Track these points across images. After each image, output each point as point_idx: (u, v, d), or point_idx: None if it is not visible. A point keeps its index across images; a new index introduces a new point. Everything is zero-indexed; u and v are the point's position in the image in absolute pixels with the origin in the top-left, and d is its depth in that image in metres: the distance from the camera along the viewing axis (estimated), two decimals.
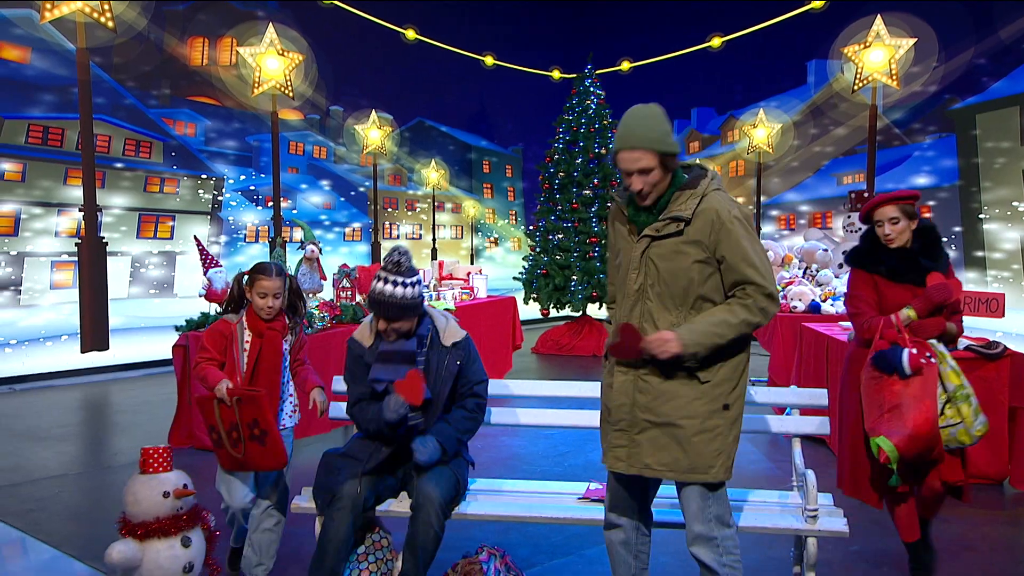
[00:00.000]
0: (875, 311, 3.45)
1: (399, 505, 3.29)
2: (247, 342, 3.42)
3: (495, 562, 3.18)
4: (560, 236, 13.34)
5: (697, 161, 2.80)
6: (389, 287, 3.17)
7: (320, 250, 7.20)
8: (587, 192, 13.35)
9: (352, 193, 41.70)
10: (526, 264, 13.78)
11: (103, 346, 11.01)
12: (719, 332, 2.53)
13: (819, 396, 3.55)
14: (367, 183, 40.24)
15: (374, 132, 22.26)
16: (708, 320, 2.55)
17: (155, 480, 3.00)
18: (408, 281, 3.20)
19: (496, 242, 51.36)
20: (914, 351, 3.19)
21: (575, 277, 13.04)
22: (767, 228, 34.63)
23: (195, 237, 7.11)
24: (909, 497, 3.34)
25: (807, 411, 4.34)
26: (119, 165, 25.41)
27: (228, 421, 3.21)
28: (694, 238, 2.57)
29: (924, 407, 3.09)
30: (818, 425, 3.53)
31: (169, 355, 9.46)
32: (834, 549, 3.89)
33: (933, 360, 3.22)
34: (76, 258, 11.55)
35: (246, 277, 3.47)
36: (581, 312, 12.78)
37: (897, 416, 3.12)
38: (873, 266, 3.48)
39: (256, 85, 13.87)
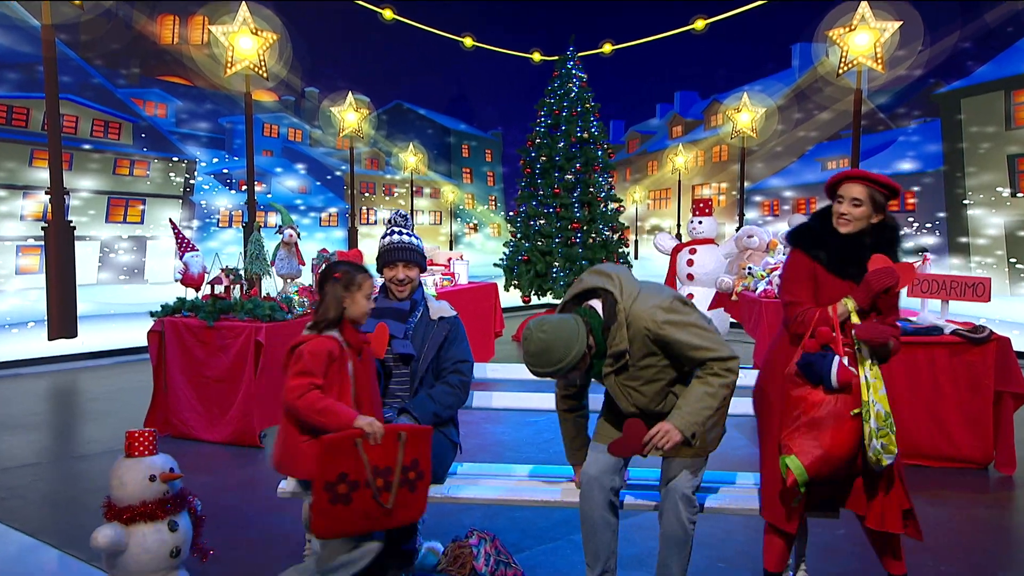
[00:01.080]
0: (812, 302, 2.96)
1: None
2: (348, 369, 2.92)
3: (485, 545, 3.22)
4: (542, 222, 13.36)
5: (592, 296, 2.87)
6: (397, 236, 3.56)
7: (298, 234, 7.17)
8: (569, 177, 13.37)
9: (328, 177, 41.48)
10: (507, 250, 13.79)
11: (71, 333, 10.90)
12: (707, 405, 2.72)
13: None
14: (343, 167, 40.00)
15: (351, 115, 22.10)
16: (691, 400, 2.73)
17: (141, 464, 3.01)
18: (414, 233, 3.63)
19: (475, 228, 51.29)
20: (845, 361, 2.77)
21: (557, 263, 13.06)
22: (751, 214, 34.81)
23: (170, 220, 7.06)
24: (792, 524, 2.96)
25: None
26: (87, 147, 25.07)
27: (373, 464, 2.70)
28: (641, 354, 2.77)
29: (845, 428, 2.73)
30: None
31: (141, 343, 9.42)
32: (822, 532, 3.96)
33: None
34: (42, 242, 11.39)
35: (337, 276, 2.95)
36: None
37: (814, 433, 2.74)
38: (813, 250, 2.97)
39: (229, 65, 13.73)
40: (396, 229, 3.62)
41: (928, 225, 25.11)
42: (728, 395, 2.77)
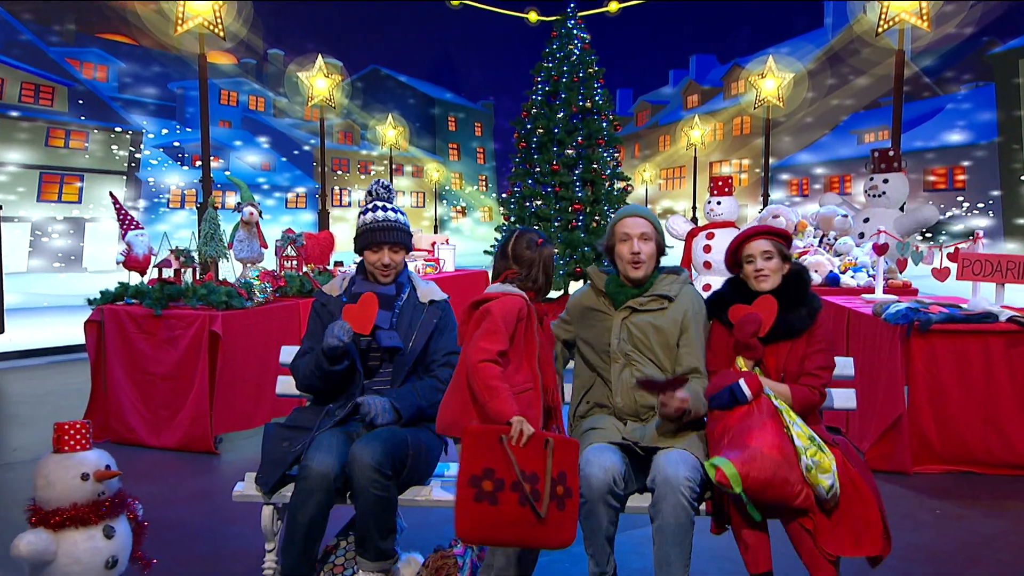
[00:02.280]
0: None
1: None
2: (534, 333, 3.09)
3: (472, 555, 3.21)
4: (538, 203, 13.32)
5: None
6: (381, 212, 3.52)
7: (260, 213, 7.14)
8: (570, 152, 13.33)
9: (295, 152, 41.29)
10: (499, 236, 13.76)
11: None
12: (703, 402, 3.21)
13: (843, 364, 3.59)
14: (313, 141, 39.83)
15: (320, 81, 21.99)
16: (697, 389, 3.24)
17: (71, 460, 2.96)
18: (399, 209, 3.59)
19: (463, 212, 51.23)
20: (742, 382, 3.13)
21: (556, 250, 13.04)
22: (776, 194, 34.89)
23: (111, 194, 7.01)
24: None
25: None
26: (14, 114, 24.92)
27: (528, 467, 2.77)
28: (663, 323, 3.36)
29: (768, 429, 2.96)
30: (844, 399, 3.58)
31: (78, 339, 9.33)
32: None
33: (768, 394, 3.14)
34: None
35: (540, 242, 3.21)
36: (563, 290, 12.80)
37: (736, 440, 2.98)
38: (724, 316, 3.37)
39: (180, 22, 13.63)
40: (379, 203, 3.57)
41: (980, 205, 25.15)
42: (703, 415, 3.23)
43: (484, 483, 2.71)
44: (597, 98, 13.65)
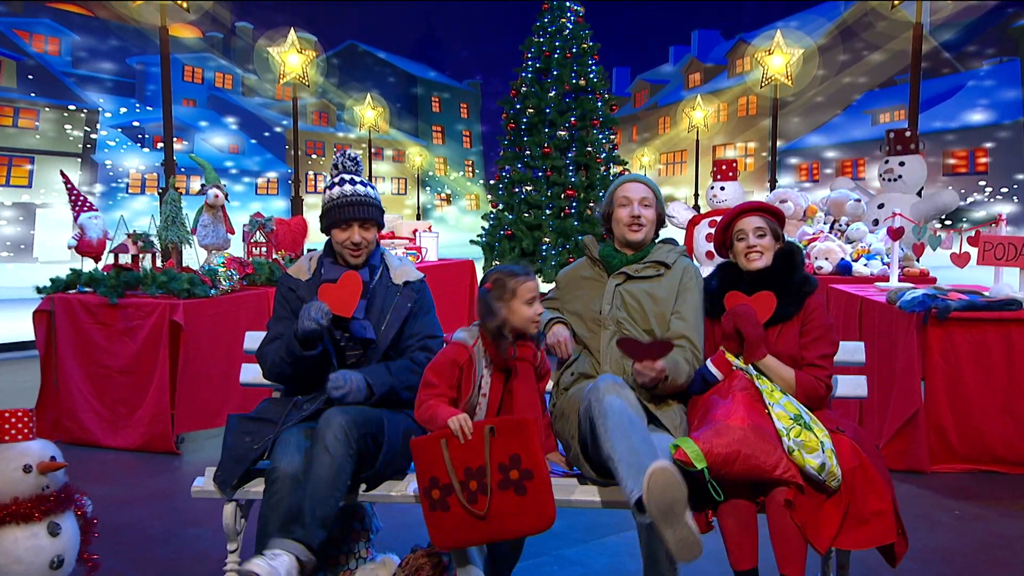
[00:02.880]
0: None
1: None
2: (484, 383, 3.19)
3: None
4: (529, 188, 13.31)
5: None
6: (349, 186, 3.49)
7: (226, 195, 7.10)
8: (562, 133, 13.33)
9: (266, 134, 41.24)
10: (487, 224, 13.74)
11: None
12: (684, 372, 3.31)
13: (853, 350, 3.60)
14: (285, 122, 39.79)
15: (293, 57, 21.90)
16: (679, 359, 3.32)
17: (12, 451, 2.94)
18: (369, 183, 3.57)
19: (448, 199, 51.21)
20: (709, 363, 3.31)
21: (547, 240, 13.03)
22: (784, 180, 34.91)
23: (62, 172, 6.98)
24: (747, 509, 3.02)
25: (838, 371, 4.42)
26: None
27: (463, 465, 2.89)
28: (658, 291, 3.49)
29: (737, 400, 3.04)
30: (853, 386, 3.59)
31: (27, 336, 9.30)
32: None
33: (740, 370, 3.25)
34: None
35: (488, 285, 3.20)
36: (555, 283, 12.79)
37: (703, 417, 3.09)
38: (710, 304, 3.50)
39: None
40: (346, 176, 3.54)
41: (1004, 190, 25.24)
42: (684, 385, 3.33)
43: (433, 492, 2.91)
44: (591, 75, 13.65)
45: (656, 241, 3.68)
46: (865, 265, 7.77)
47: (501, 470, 2.84)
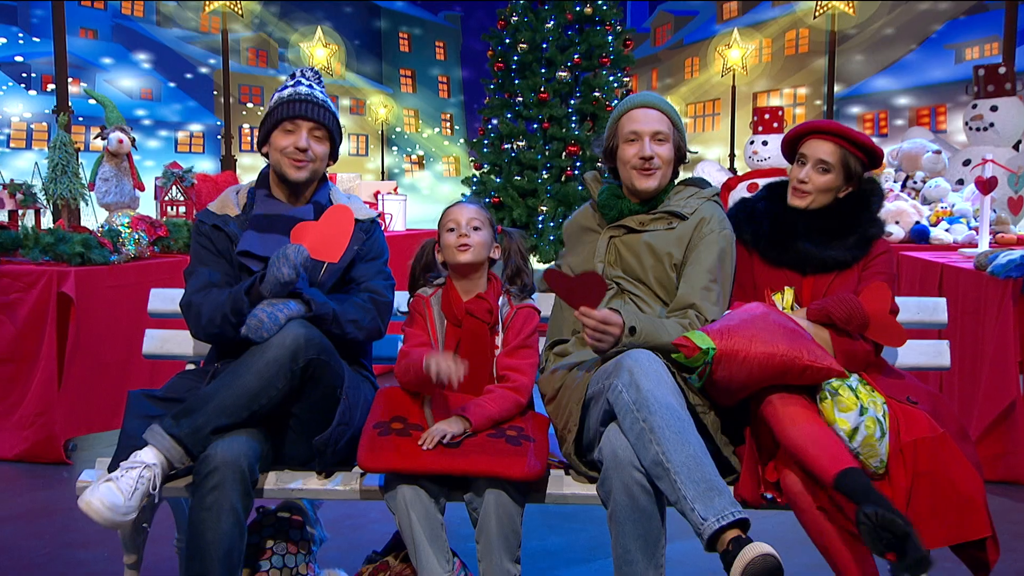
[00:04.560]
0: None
1: (313, 479, 3.27)
2: (435, 330, 3.50)
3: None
4: (520, 144, 13.29)
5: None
6: (304, 88, 3.57)
7: (134, 142, 7.04)
8: (563, 74, 13.31)
9: (188, 76, 41.26)
10: (468, 191, 13.73)
11: None
12: (670, 331, 3.21)
13: (933, 308, 3.66)
14: (213, 61, 39.76)
15: None
16: (657, 320, 3.31)
17: None
18: (326, 92, 3.67)
19: (421, 162, 51.32)
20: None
21: (544, 208, 13.00)
22: None
23: None
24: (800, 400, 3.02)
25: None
26: None
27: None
28: (678, 236, 3.45)
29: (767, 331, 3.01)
30: (932, 354, 3.59)
31: None
32: None
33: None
34: None
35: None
36: (554, 262, 12.82)
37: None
38: (753, 234, 3.54)
39: None
40: (304, 80, 3.63)
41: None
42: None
43: (394, 424, 3.16)
44: (600, 2, 13.58)
45: (674, 183, 3.61)
46: (947, 230, 7.72)
47: (496, 428, 3.18)
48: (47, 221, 6.70)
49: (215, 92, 39.71)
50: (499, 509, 3.03)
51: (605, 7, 13.61)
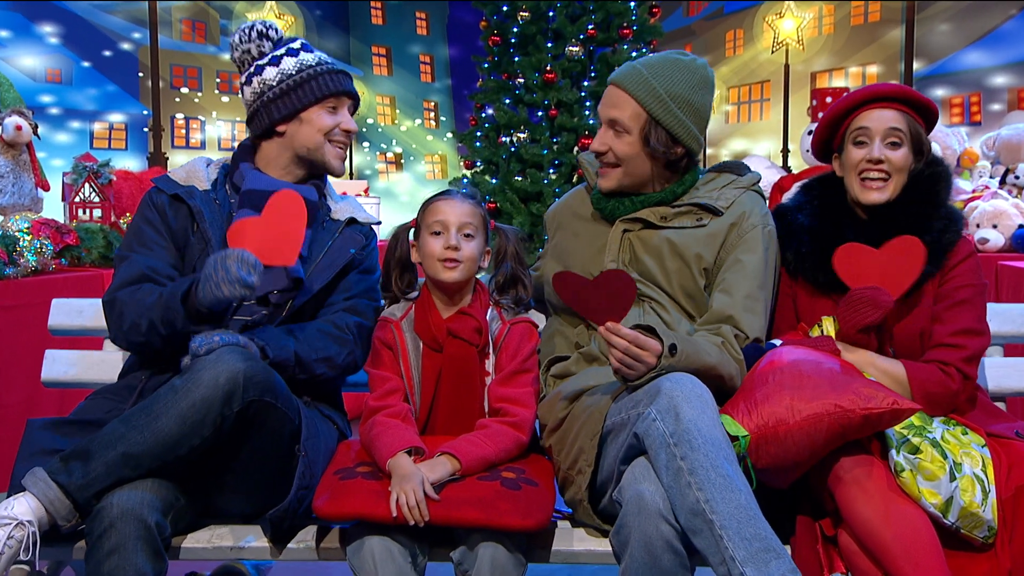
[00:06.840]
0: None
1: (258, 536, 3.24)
2: (409, 364, 3.50)
3: None
4: (521, 136, 13.34)
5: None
6: (308, 54, 3.70)
7: (36, 129, 7.11)
8: (574, 50, 13.36)
9: (107, 54, 41.37)
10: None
11: None
12: (713, 357, 3.19)
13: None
14: (138, 35, 40.01)
15: None
16: (698, 340, 3.26)
17: None
18: None
19: (399, 162, 51.45)
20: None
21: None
22: None
23: None
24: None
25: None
26: None
27: None
28: (710, 233, 3.44)
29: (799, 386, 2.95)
30: None
31: None
32: None
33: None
34: None
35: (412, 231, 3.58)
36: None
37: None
38: (795, 255, 3.47)
39: None
40: (294, 46, 3.75)
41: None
42: (732, 377, 3.24)
43: (360, 468, 3.20)
44: None
45: (704, 171, 3.65)
46: None
47: (490, 470, 3.17)
48: None
49: (140, 74, 39.98)
50: (495, 570, 3.01)
51: None
